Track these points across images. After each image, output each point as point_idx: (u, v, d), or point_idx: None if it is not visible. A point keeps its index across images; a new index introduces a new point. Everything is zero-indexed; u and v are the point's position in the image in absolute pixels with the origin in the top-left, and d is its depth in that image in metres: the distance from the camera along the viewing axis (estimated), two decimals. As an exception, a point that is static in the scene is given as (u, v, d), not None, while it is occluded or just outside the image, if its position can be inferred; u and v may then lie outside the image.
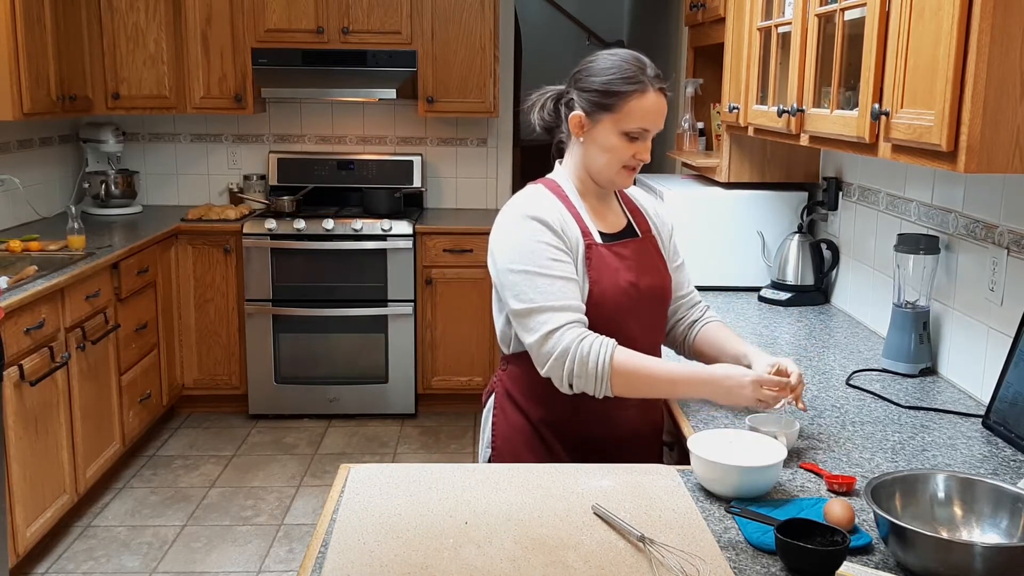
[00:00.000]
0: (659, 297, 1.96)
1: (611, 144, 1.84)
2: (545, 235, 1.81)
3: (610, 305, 1.85)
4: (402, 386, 4.73)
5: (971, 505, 1.46)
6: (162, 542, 3.53)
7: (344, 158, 5.12)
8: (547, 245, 1.80)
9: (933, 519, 1.46)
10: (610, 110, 1.82)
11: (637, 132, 1.83)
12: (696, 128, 3.81)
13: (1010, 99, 1.51)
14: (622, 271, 1.87)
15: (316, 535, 1.47)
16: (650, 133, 1.85)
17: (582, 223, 1.88)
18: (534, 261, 1.79)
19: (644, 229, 2.00)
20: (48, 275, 3.38)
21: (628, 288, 1.87)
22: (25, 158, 4.49)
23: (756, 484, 1.58)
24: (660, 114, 1.84)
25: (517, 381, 1.96)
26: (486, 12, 4.78)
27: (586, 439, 1.93)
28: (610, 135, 1.84)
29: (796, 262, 3.08)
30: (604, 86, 1.82)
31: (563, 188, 1.92)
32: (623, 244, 1.92)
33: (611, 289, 1.85)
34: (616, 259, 1.88)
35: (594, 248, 1.86)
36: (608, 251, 1.88)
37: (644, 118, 1.82)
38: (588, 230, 1.88)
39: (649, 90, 1.81)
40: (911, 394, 2.19)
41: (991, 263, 2.11)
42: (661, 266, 1.98)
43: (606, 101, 1.82)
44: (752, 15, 2.73)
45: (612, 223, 1.95)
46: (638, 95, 1.80)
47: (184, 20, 4.69)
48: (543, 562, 1.37)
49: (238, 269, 4.63)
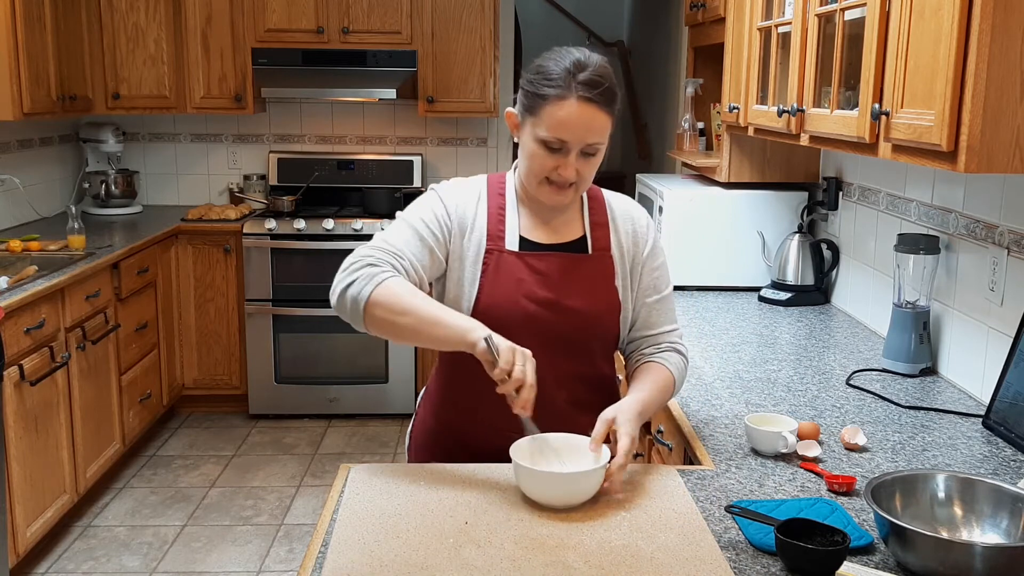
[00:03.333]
0: (581, 321, 1.74)
1: (530, 150, 1.68)
2: (438, 209, 1.75)
3: (497, 317, 1.67)
4: (402, 386, 4.73)
5: (971, 505, 1.46)
6: (162, 542, 3.53)
7: (344, 158, 5.12)
8: (434, 214, 1.74)
9: (933, 519, 1.46)
10: (531, 112, 1.66)
11: (553, 142, 1.64)
12: (696, 128, 3.81)
13: (1010, 99, 1.51)
14: (528, 284, 1.72)
15: (316, 535, 1.47)
16: (571, 146, 1.64)
17: (497, 226, 1.75)
18: (413, 215, 1.76)
19: (600, 247, 1.79)
20: (48, 275, 3.38)
21: (526, 303, 1.71)
22: (25, 158, 4.49)
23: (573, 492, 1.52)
24: (583, 126, 1.62)
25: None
26: (486, 12, 4.78)
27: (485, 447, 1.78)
28: (529, 140, 1.68)
29: (796, 262, 3.08)
30: (529, 85, 1.67)
31: (505, 185, 1.80)
32: (543, 256, 1.74)
33: (502, 301, 1.71)
34: (525, 270, 1.73)
35: (495, 255, 1.73)
36: (518, 261, 1.73)
37: (558, 128, 1.62)
38: (501, 234, 1.75)
39: (569, 98, 1.61)
40: (911, 394, 2.19)
41: (991, 263, 2.11)
42: (601, 290, 1.77)
43: (527, 102, 1.68)
44: (752, 15, 2.73)
45: (554, 233, 1.78)
46: (555, 101, 1.62)
47: (184, 20, 4.69)
48: (543, 562, 1.37)
49: (238, 269, 4.63)
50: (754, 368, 2.36)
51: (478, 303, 1.72)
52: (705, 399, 2.13)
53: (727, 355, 2.47)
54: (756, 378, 2.28)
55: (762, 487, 1.66)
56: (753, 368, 2.36)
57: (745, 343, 2.60)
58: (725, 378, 2.28)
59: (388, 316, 1.62)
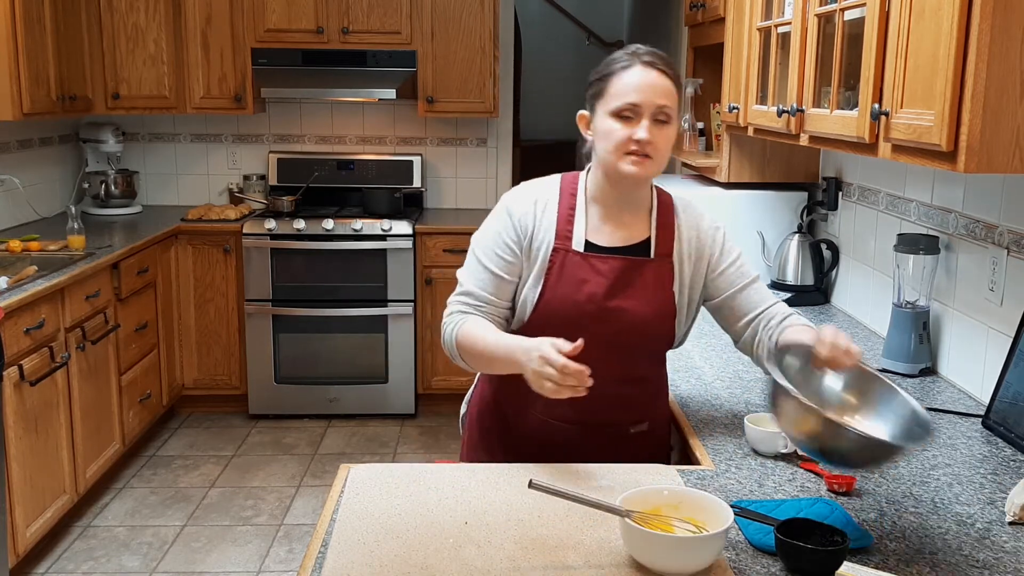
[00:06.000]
0: (631, 324, 1.81)
1: (606, 129, 1.76)
2: (505, 227, 1.84)
3: (560, 315, 1.79)
4: (402, 386, 4.73)
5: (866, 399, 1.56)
6: (162, 542, 3.53)
7: (344, 158, 5.12)
8: (499, 237, 1.84)
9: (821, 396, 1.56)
10: (600, 96, 1.78)
11: (626, 108, 1.73)
12: (696, 128, 3.81)
13: (1010, 99, 1.51)
14: (590, 285, 1.79)
15: (316, 535, 1.48)
16: (642, 109, 1.73)
17: (566, 226, 1.83)
18: (482, 246, 1.86)
19: (663, 252, 1.85)
20: (48, 275, 3.38)
21: (585, 302, 1.79)
22: (25, 158, 4.49)
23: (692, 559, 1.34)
24: (650, 87, 1.73)
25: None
26: (486, 12, 4.78)
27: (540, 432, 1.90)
28: (604, 120, 1.77)
29: (796, 262, 3.08)
30: (595, 75, 1.81)
31: (577, 185, 1.88)
32: (607, 259, 1.81)
33: (565, 299, 1.80)
34: (589, 271, 1.80)
35: (561, 254, 1.81)
36: (583, 261, 1.81)
37: (628, 93, 1.73)
38: (568, 234, 1.82)
39: (634, 65, 1.74)
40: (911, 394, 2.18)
41: (991, 263, 2.11)
42: (659, 296, 1.83)
43: (596, 89, 1.79)
44: (752, 15, 2.73)
45: (622, 235, 1.85)
46: (621, 71, 1.75)
47: (184, 20, 4.69)
48: (543, 562, 1.37)
49: (238, 269, 4.63)
50: (754, 368, 2.36)
51: (540, 300, 1.81)
52: (705, 399, 2.13)
53: (727, 355, 2.47)
54: (756, 378, 2.28)
55: (762, 487, 1.66)
56: (753, 368, 2.36)
57: (745, 343, 2.60)
58: (725, 378, 2.29)
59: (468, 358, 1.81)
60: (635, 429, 1.93)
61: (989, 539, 1.49)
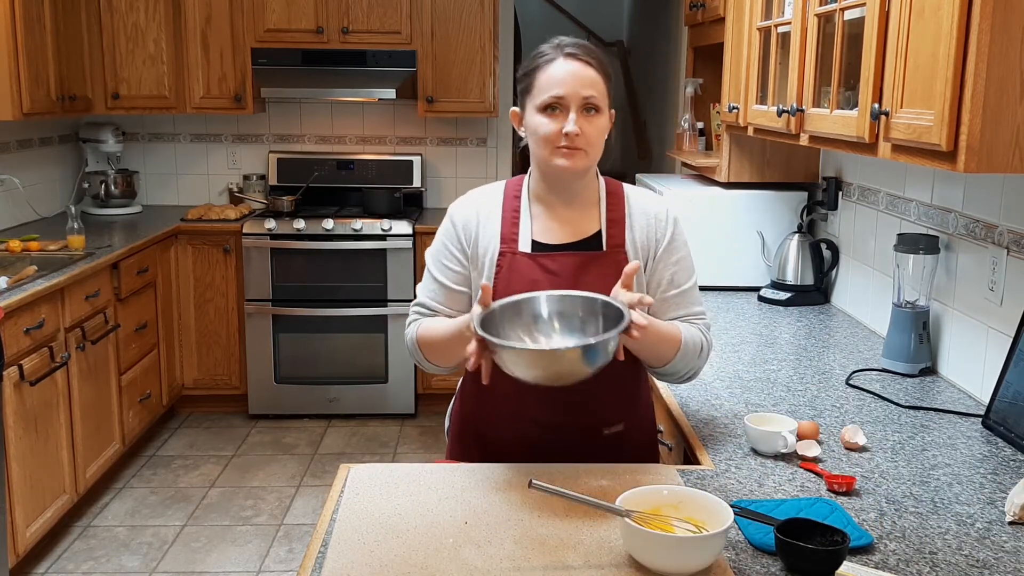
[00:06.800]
0: None
1: (535, 125, 1.74)
2: (449, 236, 1.85)
3: None
4: (402, 386, 4.73)
5: (568, 320, 1.62)
6: (162, 542, 3.53)
7: (344, 158, 5.12)
8: (445, 247, 1.85)
9: (533, 334, 1.61)
10: (528, 92, 1.76)
11: (551, 102, 1.70)
12: (696, 128, 3.81)
13: (1010, 99, 1.51)
14: (542, 284, 1.74)
15: (316, 535, 1.48)
16: (568, 101, 1.70)
17: (511, 229, 1.80)
18: (432, 257, 1.88)
19: (615, 243, 1.80)
20: (48, 275, 3.38)
21: None
22: (25, 158, 4.49)
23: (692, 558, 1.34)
24: (575, 78, 1.70)
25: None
26: (486, 12, 4.78)
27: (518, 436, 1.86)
28: (533, 116, 1.74)
29: (796, 262, 3.08)
30: (522, 70, 1.79)
31: (521, 187, 1.86)
32: (557, 256, 1.78)
33: None
34: (539, 271, 1.77)
35: (508, 257, 1.79)
36: (531, 262, 1.78)
37: (553, 86, 1.70)
38: (514, 237, 1.80)
39: (557, 58, 1.73)
40: (911, 394, 2.19)
41: (991, 263, 2.11)
42: (613, 287, 1.71)
43: (523, 85, 1.77)
44: (752, 15, 2.73)
45: (570, 230, 1.81)
46: (545, 65, 1.73)
47: (184, 20, 4.69)
48: (543, 562, 1.37)
49: (238, 269, 4.63)
50: (754, 368, 2.36)
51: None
52: (705, 399, 2.13)
53: (727, 355, 2.47)
54: (756, 378, 2.28)
55: (762, 487, 1.66)
56: (753, 368, 2.36)
57: (745, 343, 2.60)
58: (725, 378, 2.29)
59: (430, 355, 1.83)
60: (609, 431, 1.86)
61: (989, 539, 1.49)
